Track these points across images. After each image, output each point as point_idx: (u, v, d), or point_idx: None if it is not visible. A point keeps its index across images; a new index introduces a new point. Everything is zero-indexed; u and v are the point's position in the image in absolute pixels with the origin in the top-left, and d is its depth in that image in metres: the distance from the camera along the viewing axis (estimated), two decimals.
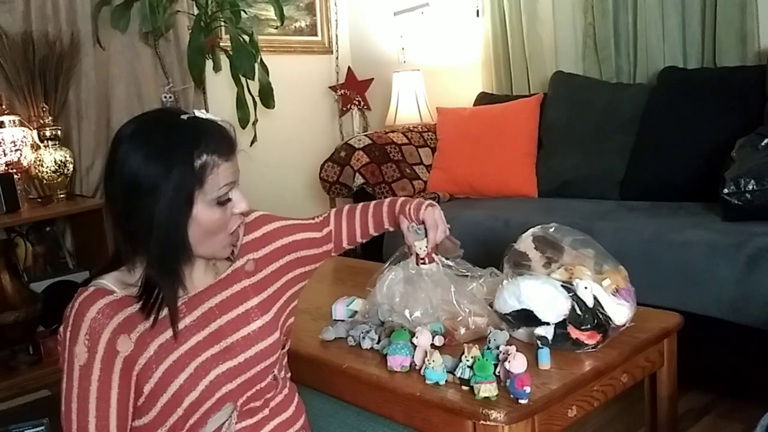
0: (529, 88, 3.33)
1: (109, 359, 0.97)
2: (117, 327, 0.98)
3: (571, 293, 1.33)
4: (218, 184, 1.01)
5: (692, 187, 2.46)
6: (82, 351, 0.96)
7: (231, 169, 1.03)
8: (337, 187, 3.12)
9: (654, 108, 2.70)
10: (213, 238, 1.04)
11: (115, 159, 1.00)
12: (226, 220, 1.04)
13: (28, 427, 1.71)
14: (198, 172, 0.98)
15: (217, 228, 1.03)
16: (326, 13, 4.11)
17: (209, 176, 1.00)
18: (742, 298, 1.87)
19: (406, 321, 1.43)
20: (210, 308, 1.08)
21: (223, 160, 1.01)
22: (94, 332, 0.97)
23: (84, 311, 0.97)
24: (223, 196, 1.02)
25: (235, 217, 1.06)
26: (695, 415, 2.03)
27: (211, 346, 1.05)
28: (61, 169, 2.68)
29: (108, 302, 0.99)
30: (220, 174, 1.01)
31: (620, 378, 1.40)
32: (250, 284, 1.14)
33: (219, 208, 1.02)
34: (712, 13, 2.71)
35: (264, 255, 1.19)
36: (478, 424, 1.17)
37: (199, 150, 0.99)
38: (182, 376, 1.01)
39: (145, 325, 1.01)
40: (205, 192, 1.00)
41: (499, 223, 2.53)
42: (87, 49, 2.98)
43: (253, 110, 3.23)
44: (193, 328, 1.05)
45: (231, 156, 1.03)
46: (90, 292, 1.00)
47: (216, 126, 1.03)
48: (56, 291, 2.69)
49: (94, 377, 0.96)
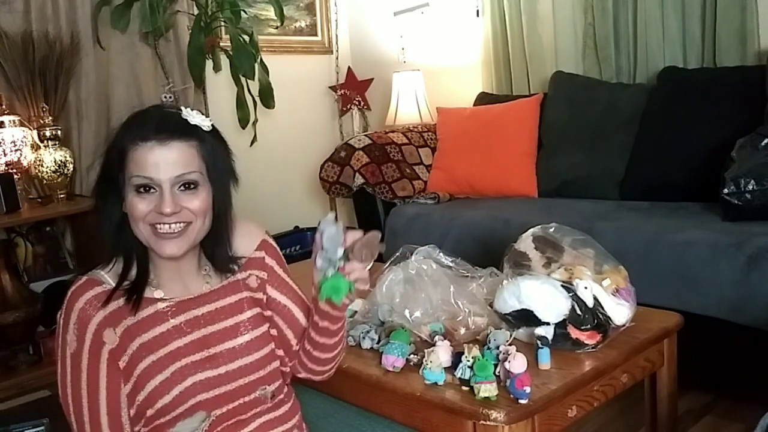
0: (529, 88, 3.33)
1: (96, 349, 1.00)
2: (103, 320, 1.01)
3: (571, 293, 1.33)
4: (132, 168, 0.98)
5: (692, 187, 2.46)
6: (72, 339, 1.01)
7: (151, 157, 0.97)
8: (337, 187, 3.12)
9: (654, 108, 2.70)
10: (139, 228, 1.01)
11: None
12: (144, 211, 0.99)
13: (28, 427, 1.72)
14: (118, 150, 1.00)
15: (137, 216, 1.00)
16: (326, 13, 4.11)
17: (127, 158, 0.99)
18: (742, 298, 1.87)
19: (406, 321, 1.43)
20: (196, 317, 1.07)
21: (139, 142, 0.98)
22: (81, 322, 1.00)
23: (74, 301, 1.01)
24: (141, 185, 0.98)
25: (158, 215, 0.99)
26: (695, 415, 2.03)
27: (192, 353, 1.05)
28: (61, 169, 2.68)
29: (96, 294, 1.02)
30: (135, 158, 0.98)
31: (620, 378, 1.40)
32: (249, 297, 1.13)
33: (139, 198, 0.99)
34: (712, 13, 2.71)
35: (268, 279, 1.17)
36: (478, 424, 1.17)
37: (124, 131, 1.01)
38: (158, 378, 1.02)
39: (130, 320, 1.02)
40: (126, 174, 1.00)
41: (499, 223, 2.53)
42: (87, 49, 2.98)
43: (253, 110, 3.23)
44: (175, 332, 1.05)
45: (150, 140, 0.97)
46: (83, 281, 1.04)
47: (159, 114, 1.03)
48: (56, 291, 2.69)
49: (83, 365, 1.00)
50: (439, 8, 3.73)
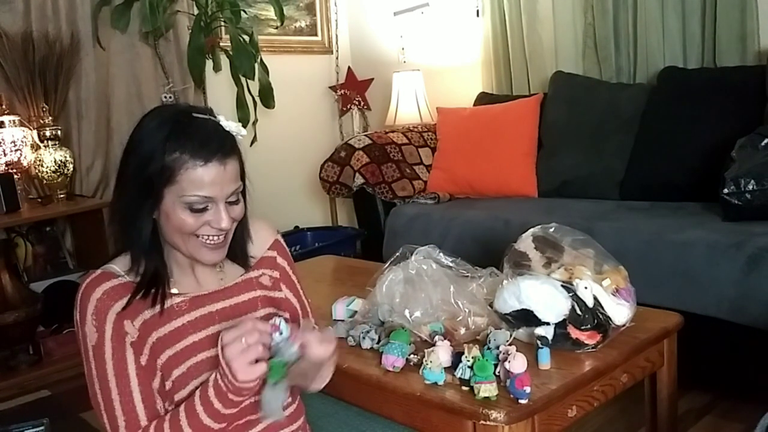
0: (529, 88, 3.33)
1: (119, 337, 0.99)
2: (121, 311, 0.99)
3: (571, 293, 1.33)
4: (186, 187, 0.97)
5: (692, 187, 2.46)
6: (91, 331, 0.98)
7: (208, 177, 0.97)
8: (337, 187, 3.12)
9: (654, 108, 2.70)
10: (181, 237, 1.02)
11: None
12: (195, 227, 1.00)
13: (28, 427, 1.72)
14: (168, 165, 0.96)
15: (184, 230, 1.00)
16: (326, 13, 4.12)
17: (179, 175, 0.97)
18: (742, 298, 1.87)
19: (406, 321, 1.43)
20: (210, 312, 1.08)
21: (196, 163, 0.96)
22: (99, 312, 0.98)
23: (90, 292, 0.99)
24: (196, 204, 0.98)
25: (211, 228, 1.01)
26: (695, 415, 2.03)
27: (207, 348, 1.05)
28: (61, 169, 2.68)
29: (113, 285, 1.01)
30: (190, 177, 0.97)
31: (620, 378, 1.40)
32: (263, 296, 1.14)
33: (191, 214, 0.99)
34: (712, 13, 2.71)
35: (280, 278, 1.18)
36: (478, 424, 1.17)
37: (175, 144, 0.96)
38: (175, 373, 1.02)
39: (148, 313, 1.02)
40: (174, 191, 0.98)
41: (499, 223, 2.53)
42: (87, 49, 2.99)
43: (253, 110, 3.24)
44: (190, 327, 1.05)
45: (208, 162, 0.97)
46: (97, 274, 1.02)
47: (209, 131, 1.00)
48: (56, 291, 2.69)
49: (107, 356, 0.98)
50: (439, 8, 3.73)
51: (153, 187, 0.98)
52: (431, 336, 1.40)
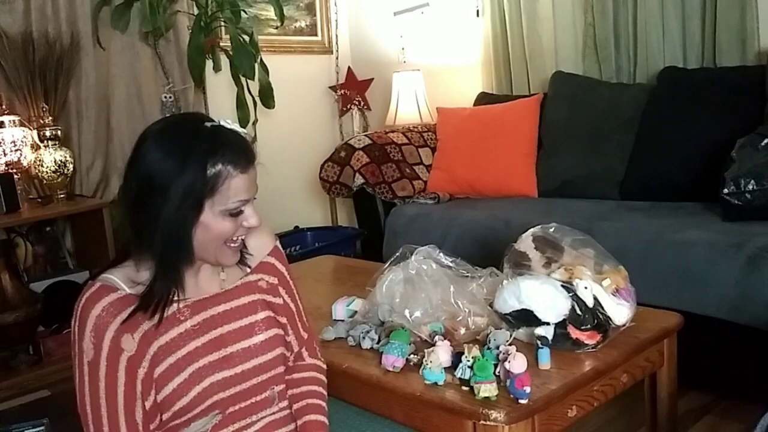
0: (529, 88, 3.33)
1: (115, 356, 0.99)
2: (121, 326, 0.99)
3: (571, 293, 1.33)
4: (231, 195, 1.01)
5: (692, 187, 2.46)
6: (89, 347, 0.98)
7: (246, 183, 1.02)
8: (337, 187, 3.12)
9: (654, 108, 2.70)
10: (218, 246, 1.04)
11: (136, 153, 1.01)
12: (234, 230, 1.05)
13: (28, 427, 1.71)
14: (210, 179, 0.99)
15: (225, 237, 1.04)
16: (326, 13, 4.11)
17: (221, 186, 1.00)
18: (742, 298, 1.87)
19: (406, 321, 1.43)
20: (212, 316, 1.08)
21: (238, 172, 1.01)
22: (98, 329, 0.98)
23: (89, 307, 0.99)
24: (236, 209, 1.03)
25: (243, 228, 1.06)
26: (695, 415, 2.02)
27: (209, 353, 1.05)
28: (61, 169, 2.68)
29: (112, 300, 1.00)
30: (234, 186, 1.01)
31: (620, 378, 1.40)
32: (262, 299, 1.15)
33: (230, 219, 1.03)
34: (712, 13, 2.71)
35: (279, 284, 1.20)
36: (478, 424, 1.17)
37: (215, 158, 0.99)
38: (176, 380, 1.02)
39: (147, 324, 1.01)
40: (216, 201, 1.00)
41: (499, 223, 2.53)
42: (87, 49, 2.98)
43: (253, 110, 3.23)
44: (193, 333, 1.05)
45: (247, 169, 1.02)
46: (96, 288, 1.01)
47: (237, 138, 1.03)
48: (56, 291, 2.68)
49: (101, 374, 0.98)
50: (439, 8, 3.73)
51: (198, 203, 0.99)
52: (431, 336, 1.40)
